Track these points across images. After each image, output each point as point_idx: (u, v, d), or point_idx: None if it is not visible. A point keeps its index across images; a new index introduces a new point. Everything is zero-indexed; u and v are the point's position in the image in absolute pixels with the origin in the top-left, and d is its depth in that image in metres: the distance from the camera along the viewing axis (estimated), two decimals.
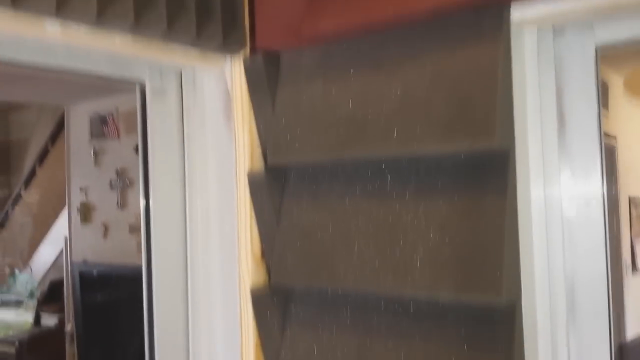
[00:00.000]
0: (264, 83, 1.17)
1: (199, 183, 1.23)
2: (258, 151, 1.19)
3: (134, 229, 4.00)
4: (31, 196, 5.57)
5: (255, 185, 1.17)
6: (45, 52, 0.99)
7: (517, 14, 0.95)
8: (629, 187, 4.04)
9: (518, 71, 0.99)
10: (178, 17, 1.05)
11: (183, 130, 1.24)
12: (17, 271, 5.54)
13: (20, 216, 5.67)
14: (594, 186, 0.98)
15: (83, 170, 4.40)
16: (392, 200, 1.03)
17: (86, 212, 4.36)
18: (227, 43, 1.14)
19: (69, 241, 4.46)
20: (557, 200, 0.99)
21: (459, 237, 0.94)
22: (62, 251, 4.76)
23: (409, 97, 1.01)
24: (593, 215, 0.98)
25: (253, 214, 1.18)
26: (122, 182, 4.17)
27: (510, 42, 0.97)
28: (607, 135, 3.33)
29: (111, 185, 4.22)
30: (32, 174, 5.60)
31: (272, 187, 1.16)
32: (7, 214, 5.83)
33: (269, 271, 1.15)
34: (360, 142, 1.04)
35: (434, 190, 0.99)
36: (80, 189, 4.39)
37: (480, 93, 0.93)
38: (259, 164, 1.19)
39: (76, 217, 4.41)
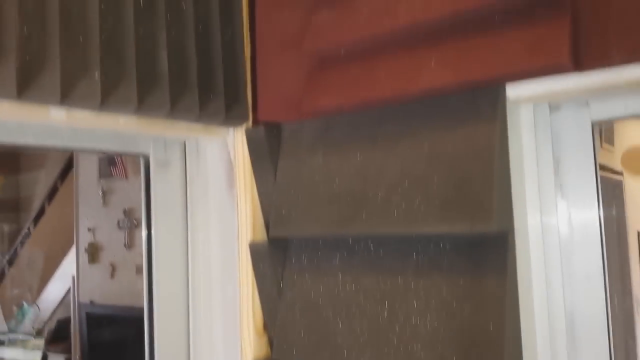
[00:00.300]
0: (266, 154, 1.19)
1: (202, 252, 1.24)
2: (260, 221, 1.20)
3: (140, 270, 4.00)
4: (40, 233, 5.61)
5: (257, 255, 1.18)
6: (50, 135, 1.02)
7: (512, 92, 0.97)
8: (637, 222, 4.01)
9: (515, 147, 1.00)
10: (181, 97, 1.07)
11: (186, 199, 1.25)
12: (25, 304, 5.54)
13: (28, 253, 5.70)
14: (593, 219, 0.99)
15: (91, 209, 4.44)
16: (392, 276, 1.03)
17: (94, 252, 4.39)
18: (230, 117, 1.17)
19: (76, 281, 4.47)
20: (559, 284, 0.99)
21: (459, 317, 0.94)
22: (69, 289, 4.77)
23: (408, 174, 1.02)
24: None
25: (255, 283, 1.18)
26: (129, 222, 4.20)
27: (507, 120, 0.98)
28: (613, 171, 3.32)
29: (119, 225, 4.25)
30: (42, 211, 5.65)
31: (274, 258, 1.16)
32: (15, 250, 5.86)
33: (270, 344, 1.15)
34: (359, 219, 1.04)
35: (434, 268, 0.99)
36: (89, 229, 4.42)
37: (478, 174, 0.94)
38: (261, 234, 1.20)
39: (84, 256, 4.43)
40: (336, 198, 1.09)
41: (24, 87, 0.85)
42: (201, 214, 1.25)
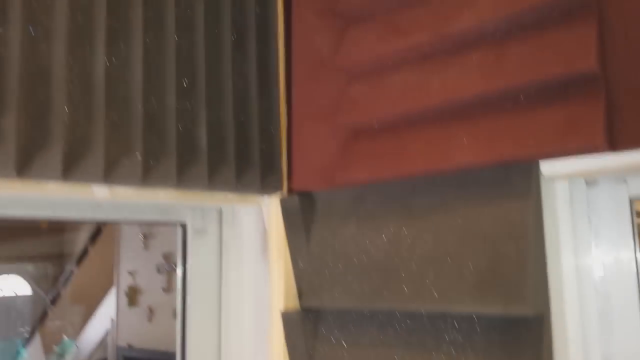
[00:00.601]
0: (300, 222, 1.21)
1: (235, 317, 1.26)
2: (293, 289, 1.21)
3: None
4: (82, 274, 5.74)
5: (289, 324, 1.18)
6: (93, 209, 1.06)
7: (547, 168, 0.96)
8: None
9: (551, 222, 0.99)
10: (219, 170, 1.11)
11: (221, 265, 1.27)
12: (65, 338, 5.63)
13: (70, 294, 5.83)
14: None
15: (132, 253, 4.54)
16: (425, 353, 1.01)
17: (133, 295, 4.46)
18: (265, 186, 1.19)
19: (115, 324, 4.54)
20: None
21: None
22: (108, 331, 4.84)
23: (441, 250, 1.01)
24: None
25: (287, 353, 1.18)
26: (168, 266, 4.27)
27: (541, 196, 0.97)
28: None
29: (158, 270, 4.32)
30: (84, 252, 5.80)
31: (306, 328, 1.16)
32: (58, 291, 6.01)
33: None
34: (392, 293, 1.04)
35: (468, 347, 0.98)
36: (129, 272, 4.51)
37: (512, 254, 0.93)
38: (294, 303, 1.20)
39: (123, 299, 4.51)
40: (368, 270, 1.09)
41: (69, 170, 0.89)
42: (235, 280, 1.27)
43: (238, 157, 1.15)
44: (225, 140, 1.14)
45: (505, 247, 0.95)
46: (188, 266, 1.25)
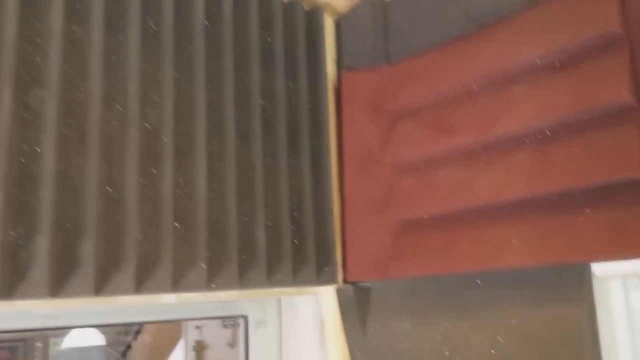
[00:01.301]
0: (355, 313, 1.25)
1: None
2: None
3: None
4: (152, 327, 5.94)
5: None
6: (161, 312, 1.15)
7: (599, 270, 0.97)
8: None
9: (607, 324, 0.98)
10: (277, 268, 1.17)
11: (281, 353, 1.32)
12: None
13: (140, 345, 6.03)
14: None
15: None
16: None
17: (200, 350, 4.56)
18: (321, 279, 1.25)
19: None
20: None
21: None
22: None
23: (495, 351, 1.02)
24: None
25: None
26: (233, 321, 4.36)
27: (594, 298, 0.97)
28: None
29: (223, 324, 4.42)
30: None
31: None
32: (129, 342, 6.23)
33: None
34: None
35: None
36: (196, 326, 4.63)
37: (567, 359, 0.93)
38: None
39: (191, 354, 4.62)
40: None
41: (141, 284, 0.98)
42: None
43: (294, 253, 1.21)
44: (282, 238, 1.21)
45: (560, 351, 0.95)
46: (250, 355, 1.30)
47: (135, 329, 6.13)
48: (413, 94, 1.27)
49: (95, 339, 6.28)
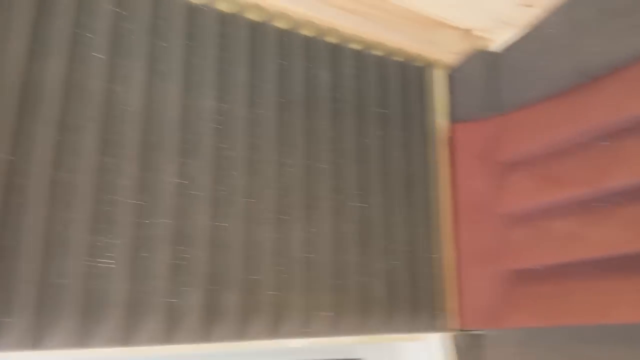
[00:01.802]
0: (470, 359, 1.30)
1: None
2: None
3: None
4: None
5: None
6: (289, 354, 1.28)
7: None
8: None
9: None
10: (393, 316, 1.27)
11: None
12: None
13: None
14: None
15: None
16: None
17: None
18: (435, 327, 1.32)
19: None
20: None
21: None
22: None
23: None
24: None
25: None
26: None
27: None
28: None
29: None
30: None
31: None
32: None
33: None
34: None
35: None
36: None
37: None
38: None
39: None
40: None
41: (275, 331, 1.12)
42: None
43: (410, 301, 1.29)
44: (398, 287, 1.30)
45: None
46: None
47: None
48: (523, 145, 1.31)
49: None
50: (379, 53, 1.46)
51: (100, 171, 1.01)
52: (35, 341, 0.90)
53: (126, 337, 0.97)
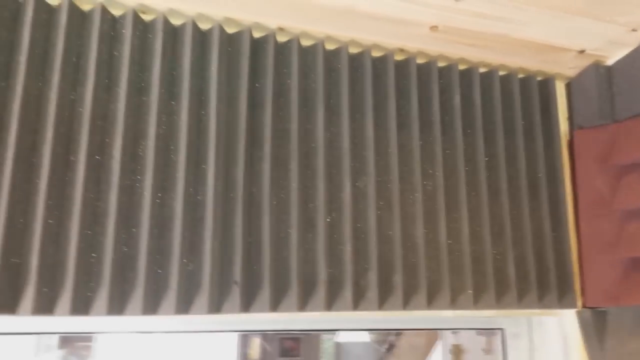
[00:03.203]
0: (594, 333, 1.56)
1: None
2: None
3: None
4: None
5: None
6: (439, 321, 1.63)
7: None
8: None
9: None
10: (525, 295, 1.56)
11: None
12: None
13: (401, 345, 6.73)
14: None
15: None
16: None
17: (457, 353, 5.00)
18: (562, 304, 1.59)
19: None
20: None
21: None
22: None
23: None
24: None
25: None
26: (488, 330, 4.70)
27: None
28: None
29: (477, 331, 4.78)
30: None
31: None
32: (391, 342, 6.99)
33: None
34: None
35: None
36: (452, 331, 5.08)
37: None
38: None
39: (448, 356, 5.08)
40: None
41: (430, 304, 1.47)
42: None
43: (539, 282, 1.58)
44: (528, 271, 1.59)
45: None
46: None
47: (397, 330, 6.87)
48: (636, 150, 1.53)
49: (362, 336, 7.21)
50: (503, 73, 1.75)
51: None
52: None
53: (302, 305, 1.37)
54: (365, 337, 7.28)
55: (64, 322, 1.39)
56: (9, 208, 1.16)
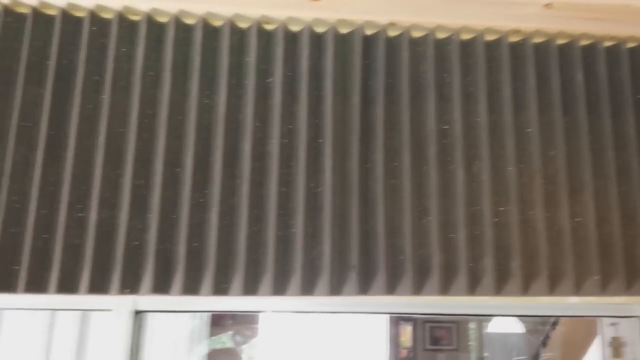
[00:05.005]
0: None
1: None
2: None
3: None
4: (568, 320, 6.19)
5: None
6: (567, 308, 1.59)
7: None
8: None
9: None
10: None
11: None
12: None
13: (557, 338, 6.36)
14: None
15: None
16: None
17: (617, 347, 4.63)
18: None
19: None
20: None
21: None
22: None
23: None
24: None
25: None
26: None
27: None
28: None
29: None
30: None
31: None
32: (547, 333, 6.63)
33: None
34: None
35: None
36: (612, 323, 4.71)
37: None
38: None
39: (607, 350, 4.72)
40: None
41: (553, 289, 1.45)
42: None
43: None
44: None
45: None
46: None
47: (553, 321, 6.48)
48: None
49: (515, 326, 6.93)
50: (631, 45, 1.64)
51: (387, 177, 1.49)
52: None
53: (417, 289, 1.42)
54: (519, 327, 7.03)
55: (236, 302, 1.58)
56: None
